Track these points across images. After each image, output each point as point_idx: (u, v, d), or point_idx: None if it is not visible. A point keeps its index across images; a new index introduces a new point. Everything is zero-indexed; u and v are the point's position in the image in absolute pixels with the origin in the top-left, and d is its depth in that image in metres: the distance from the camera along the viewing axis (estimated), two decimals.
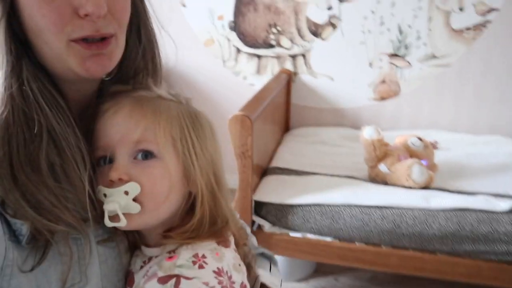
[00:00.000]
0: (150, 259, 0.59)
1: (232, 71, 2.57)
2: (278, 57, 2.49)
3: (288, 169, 1.98)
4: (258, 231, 1.78)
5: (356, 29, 2.33)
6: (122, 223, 0.54)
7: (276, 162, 2.04)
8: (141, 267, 0.60)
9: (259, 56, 2.51)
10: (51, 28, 0.52)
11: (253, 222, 1.77)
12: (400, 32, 2.29)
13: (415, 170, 1.74)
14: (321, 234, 1.73)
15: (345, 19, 2.33)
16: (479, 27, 2.21)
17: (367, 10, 2.29)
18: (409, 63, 2.34)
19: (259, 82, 2.50)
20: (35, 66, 0.55)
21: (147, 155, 0.56)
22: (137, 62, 0.65)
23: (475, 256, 1.59)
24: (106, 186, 0.55)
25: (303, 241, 1.74)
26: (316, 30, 2.39)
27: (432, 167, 1.89)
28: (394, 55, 2.34)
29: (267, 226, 1.77)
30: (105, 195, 0.55)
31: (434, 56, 2.30)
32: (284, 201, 1.73)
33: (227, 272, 0.57)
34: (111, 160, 0.57)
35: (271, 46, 2.47)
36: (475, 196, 1.71)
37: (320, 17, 2.36)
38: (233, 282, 0.57)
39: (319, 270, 2.11)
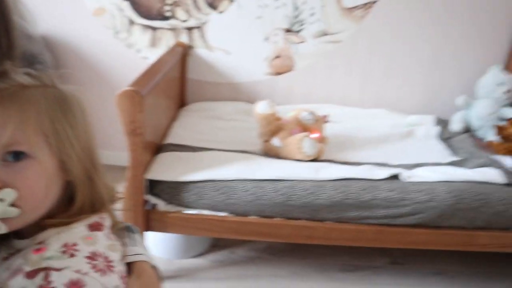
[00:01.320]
0: (18, 251, 0.56)
1: (125, 43, 2.43)
2: (173, 29, 2.40)
3: (182, 146, 1.94)
4: (152, 210, 1.73)
5: (252, 3, 2.32)
6: (2, 230, 0.52)
7: (170, 139, 1.99)
8: (5, 258, 0.57)
9: (153, 28, 2.40)
10: None
11: (146, 202, 1.72)
12: (295, 8, 2.32)
13: (306, 143, 1.81)
14: (216, 209, 1.73)
15: None
16: (367, 6, 2.31)
17: None
18: (304, 39, 2.39)
19: (153, 56, 2.40)
20: None
21: (18, 155, 0.52)
22: None
23: (359, 221, 1.71)
24: None
25: (198, 217, 1.73)
26: (212, 2, 2.33)
27: (322, 139, 1.97)
28: (289, 31, 2.38)
29: (161, 205, 1.73)
30: None
31: (326, 33, 2.38)
32: (177, 179, 1.70)
33: (102, 254, 0.56)
34: None
35: (166, 18, 2.37)
36: (360, 166, 1.82)
37: None
38: (110, 261, 0.56)
39: (216, 245, 2.13)
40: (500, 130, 1.98)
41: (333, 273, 2.00)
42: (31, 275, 0.51)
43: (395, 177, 1.76)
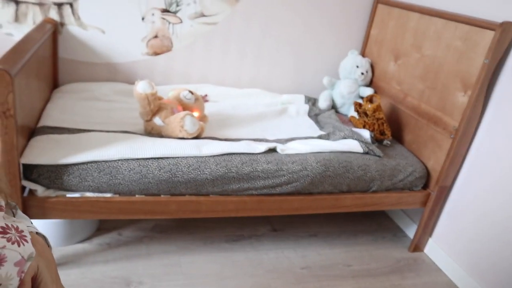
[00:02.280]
0: None
1: None
2: (40, 4, 2.24)
3: (59, 128, 1.86)
4: (30, 197, 1.65)
5: None
6: None
7: (45, 121, 1.89)
8: None
9: (17, 2, 2.21)
10: None
11: (23, 188, 1.63)
12: None
13: (187, 122, 1.87)
14: (100, 191, 1.71)
15: None
16: None
17: None
18: (181, 19, 2.42)
19: (18, 33, 2.23)
20: None
21: None
22: None
23: (241, 193, 1.84)
24: None
25: (82, 200, 1.70)
26: None
27: (203, 118, 2.06)
28: (166, 11, 2.38)
29: (40, 190, 1.65)
30: None
31: (203, 15, 2.44)
32: (57, 162, 1.64)
33: (12, 225, 0.58)
34: None
35: None
36: (239, 142, 1.94)
37: None
38: (22, 231, 0.59)
39: (102, 228, 2.10)
40: (358, 106, 2.27)
41: (219, 244, 2.12)
42: None
43: (272, 150, 1.92)
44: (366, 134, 2.14)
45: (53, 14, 2.27)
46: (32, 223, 0.73)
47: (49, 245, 0.72)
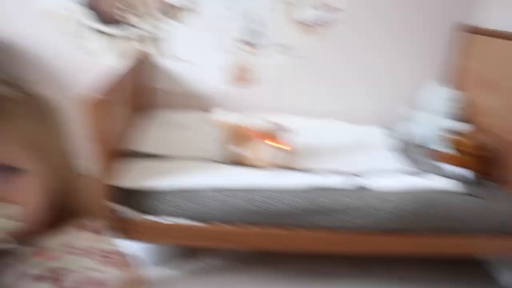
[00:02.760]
0: (18, 256, 0.58)
1: (83, 49, 2.38)
2: (133, 37, 2.38)
3: (145, 153, 1.93)
4: (118, 219, 1.70)
5: (212, 14, 2.35)
6: (8, 244, 0.54)
7: (135, 147, 1.97)
8: (8, 264, 0.57)
9: (112, 36, 2.37)
10: None
11: (113, 210, 1.69)
12: (254, 20, 2.38)
13: (269, 151, 1.85)
14: (185, 217, 1.73)
15: (202, 4, 2.33)
16: (323, 23, 2.42)
17: None
18: (261, 51, 2.45)
19: (109, 62, 2.37)
20: None
21: (11, 171, 0.54)
22: None
23: (324, 228, 1.75)
24: None
25: (166, 225, 1.72)
26: (172, 13, 2.34)
27: (283, 148, 2.03)
28: (248, 42, 2.43)
29: (128, 213, 1.70)
30: None
31: (286, 46, 2.45)
32: (145, 186, 1.68)
33: (99, 249, 0.61)
34: None
35: (125, 25, 2.35)
36: (321, 174, 1.89)
37: (177, 0, 2.32)
38: (108, 252, 0.62)
39: (184, 254, 2.11)
40: (455, 143, 2.09)
41: (300, 278, 2.04)
42: (40, 278, 0.53)
43: (355, 184, 1.84)
44: (465, 173, 1.98)
45: (143, 46, 2.40)
46: (120, 244, 0.74)
47: (139, 267, 0.74)
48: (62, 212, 0.61)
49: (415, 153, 2.24)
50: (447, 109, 2.40)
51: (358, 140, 2.36)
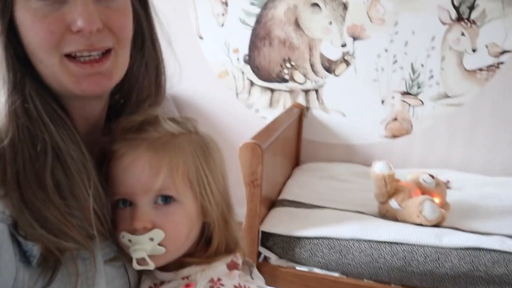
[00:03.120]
0: (162, 282, 0.62)
1: (245, 103, 2.60)
2: (291, 91, 2.51)
3: (296, 202, 1.96)
4: (263, 263, 1.74)
5: (369, 66, 2.35)
6: (150, 266, 0.57)
7: (285, 195, 2.02)
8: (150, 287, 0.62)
9: (272, 90, 2.54)
10: (43, 45, 0.52)
11: (259, 254, 1.74)
12: (413, 71, 2.31)
13: (427, 207, 1.71)
14: (328, 269, 1.68)
15: (359, 56, 2.36)
16: (491, 68, 2.22)
17: (381, 48, 2.32)
18: (422, 101, 2.34)
19: (271, 116, 2.52)
20: (38, 83, 0.55)
21: (167, 199, 0.58)
22: (141, 79, 0.65)
23: None
24: (129, 232, 0.57)
25: (310, 275, 1.69)
26: (329, 66, 2.42)
27: (444, 205, 1.85)
28: (406, 93, 2.35)
29: (273, 258, 1.73)
30: (129, 241, 0.57)
31: (446, 96, 2.30)
32: (291, 233, 1.70)
33: (244, 286, 0.61)
34: (131, 204, 0.58)
35: (285, 80, 2.50)
36: (489, 236, 1.66)
37: (334, 54, 2.39)
38: None
39: None
40: None
41: None
42: None
43: None
44: None
45: (301, 100, 2.51)
46: (264, 283, 0.74)
47: None
48: (216, 249, 0.63)
49: None
50: None
51: None
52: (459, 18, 2.19)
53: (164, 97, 0.72)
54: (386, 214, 1.85)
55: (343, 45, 2.36)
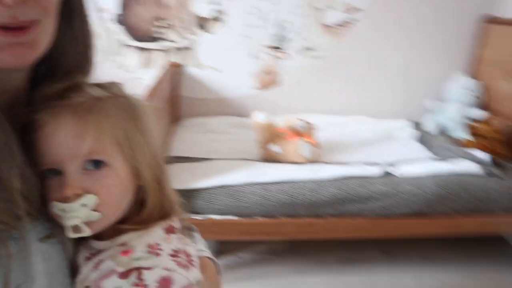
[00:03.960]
0: (98, 251, 0.60)
1: (118, 64, 2.55)
2: (165, 50, 2.54)
3: (184, 157, 2.06)
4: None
5: (240, 23, 2.50)
6: (86, 233, 0.56)
7: (172, 152, 2.11)
8: (88, 258, 0.60)
9: (146, 50, 2.53)
10: None
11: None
12: (280, 26, 2.52)
13: (304, 147, 1.97)
14: (225, 214, 1.85)
15: (230, 14, 2.48)
16: (346, 24, 2.54)
17: (250, 6, 2.47)
18: (288, 54, 2.59)
19: (146, 76, 2.53)
20: None
21: (97, 164, 0.56)
22: (69, 51, 0.62)
23: (357, 215, 1.88)
24: (60, 201, 0.55)
25: (208, 222, 1.84)
26: (202, 24, 2.49)
27: (315, 144, 2.15)
28: (275, 48, 2.57)
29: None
30: (62, 210, 0.55)
31: (309, 49, 2.58)
32: (187, 187, 1.81)
33: (182, 250, 0.60)
34: (59, 172, 0.56)
35: (158, 39, 2.51)
36: (353, 165, 2.00)
37: (205, 12, 2.47)
38: (190, 256, 0.61)
39: (220, 251, 2.24)
40: (473, 129, 2.21)
41: (332, 266, 2.15)
42: (124, 275, 0.55)
43: (386, 173, 1.95)
44: (484, 156, 2.08)
45: (176, 58, 2.55)
46: (206, 247, 0.74)
47: (219, 272, 0.74)
48: (151, 213, 0.61)
49: (440, 141, 2.33)
50: (469, 98, 2.49)
51: (385, 133, 2.46)
52: None
53: (92, 69, 0.68)
54: (269, 158, 2.07)
55: (214, 3, 2.45)
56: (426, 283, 2.05)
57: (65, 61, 0.62)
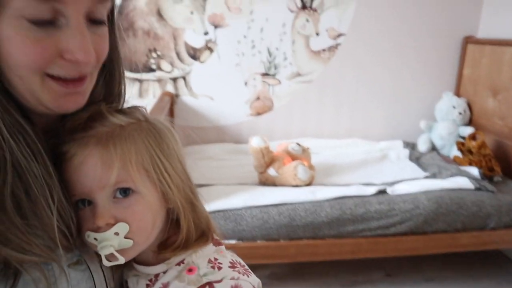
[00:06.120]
0: (156, 276, 0.62)
1: None
2: (159, 80, 2.59)
3: None
4: None
5: (231, 52, 2.57)
6: (120, 261, 0.57)
7: None
8: (148, 285, 0.62)
9: (140, 80, 2.58)
10: (30, 65, 0.50)
11: None
12: (270, 54, 2.59)
13: (300, 170, 2.01)
14: (225, 238, 1.86)
15: (221, 43, 2.55)
16: (332, 49, 2.63)
17: (240, 35, 2.55)
18: (279, 81, 2.65)
19: (143, 105, 2.56)
20: (2, 95, 0.52)
21: (126, 191, 0.57)
22: (99, 85, 0.64)
23: (356, 235, 1.90)
24: (93, 230, 0.56)
25: None
26: (194, 54, 2.56)
27: (311, 167, 2.19)
28: (265, 74, 2.63)
29: None
30: (95, 239, 0.57)
31: (299, 74, 2.65)
32: None
33: (236, 261, 0.64)
34: (90, 203, 0.58)
35: (152, 70, 2.56)
36: (349, 186, 2.03)
37: (197, 42, 2.54)
38: (244, 266, 0.65)
39: None
40: (461, 145, 2.28)
41: None
42: None
43: (382, 192, 1.98)
44: (474, 171, 2.14)
45: (170, 88, 2.60)
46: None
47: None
48: (187, 232, 0.62)
49: (433, 159, 2.39)
50: (457, 116, 2.56)
51: (378, 154, 2.51)
52: (304, 7, 2.54)
53: (123, 100, 0.71)
54: (266, 182, 2.10)
55: (206, 33, 2.53)
56: None
57: (93, 93, 0.63)
